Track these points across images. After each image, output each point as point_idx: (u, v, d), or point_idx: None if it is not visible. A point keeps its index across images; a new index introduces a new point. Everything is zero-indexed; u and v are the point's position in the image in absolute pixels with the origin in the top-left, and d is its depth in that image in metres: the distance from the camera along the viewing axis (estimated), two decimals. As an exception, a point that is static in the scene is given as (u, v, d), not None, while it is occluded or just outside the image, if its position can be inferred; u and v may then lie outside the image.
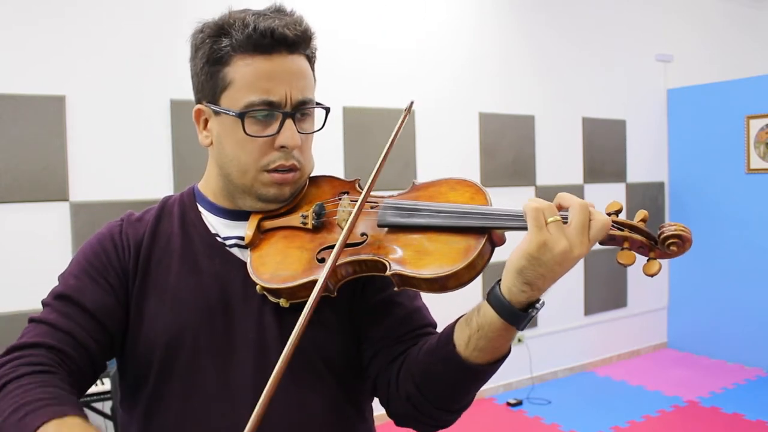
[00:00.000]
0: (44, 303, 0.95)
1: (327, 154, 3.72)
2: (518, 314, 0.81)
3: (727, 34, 5.83)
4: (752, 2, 6.02)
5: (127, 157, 3.16)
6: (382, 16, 3.96)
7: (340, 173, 3.80)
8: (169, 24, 3.21)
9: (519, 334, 5.33)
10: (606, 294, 5.05)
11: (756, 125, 4.81)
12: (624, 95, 5.14)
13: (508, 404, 4.22)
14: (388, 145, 0.95)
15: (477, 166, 4.33)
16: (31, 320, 0.92)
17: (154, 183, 3.21)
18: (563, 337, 4.80)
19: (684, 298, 5.36)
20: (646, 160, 5.28)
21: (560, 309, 4.75)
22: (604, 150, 5.01)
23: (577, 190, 4.81)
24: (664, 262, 0.84)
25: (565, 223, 0.79)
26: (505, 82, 4.49)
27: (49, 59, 2.97)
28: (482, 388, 0.99)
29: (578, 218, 0.78)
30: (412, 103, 1.01)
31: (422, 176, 4.03)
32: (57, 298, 0.93)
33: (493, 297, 0.83)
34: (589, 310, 4.97)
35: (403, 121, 0.97)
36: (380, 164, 0.93)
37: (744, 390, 4.41)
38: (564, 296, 4.77)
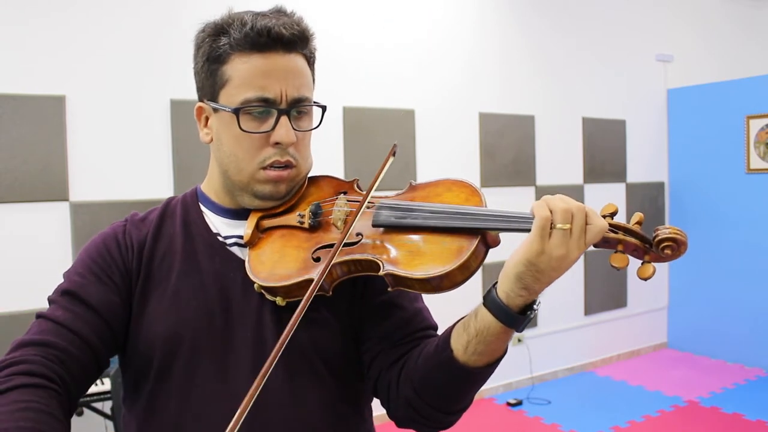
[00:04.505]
0: (50, 300, 0.95)
1: (327, 154, 3.72)
2: (517, 317, 0.82)
3: (727, 34, 5.83)
4: (752, 2, 6.02)
5: (127, 157, 3.16)
6: (382, 16, 3.96)
7: (340, 173, 3.80)
8: (169, 24, 3.21)
9: (519, 334, 5.34)
10: (606, 294, 5.05)
11: (756, 125, 4.81)
12: (624, 95, 5.14)
13: (508, 404, 4.22)
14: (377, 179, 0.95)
15: (477, 166, 4.33)
16: (39, 316, 0.93)
17: (154, 183, 3.21)
18: (563, 337, 4.80)
19: (684, 298, 5.36)
20: (646, 160, 5.29)
21: (560, 309, 4.75)
22: (604, 150, 5.01)
23: (577, 190, 4.81)
24: (661, 264, 0.84)
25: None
26: (505, 82, 4.49)
27: (49, 59, 2.97)
28: (482, 388, 0.99)
29: (577, 224, 0.79)
30: (395, 146, 1.00)
31: (422, 176, 4.03)
32: (63, 295, 0.94)
33: (490, 302, 0.83)
34: (589, 310, 4.97)
35: (385, 163, 0.97)
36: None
37: (744, 390, 4.41)
38: (564, 296, 4.76)
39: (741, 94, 4.91)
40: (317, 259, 0.93)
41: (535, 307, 0.83)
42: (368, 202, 0.96)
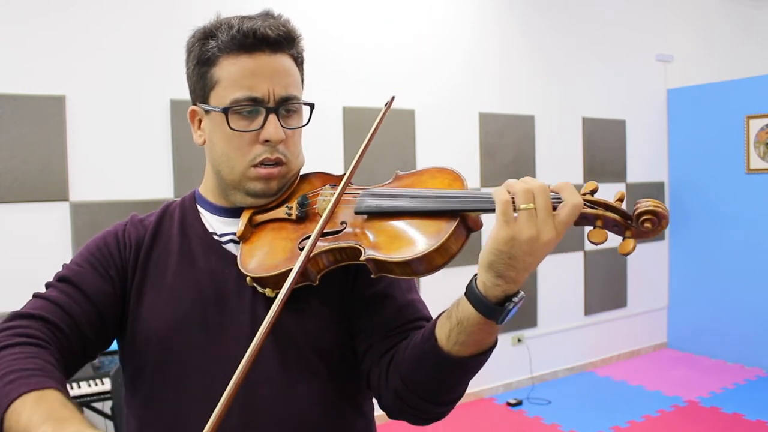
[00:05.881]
0: (47, 285, 1.00)
1: (327, 154, 3.72)
2: (494, 308, 0.80)
3: (727, 34, 5.83)
4: (752, 2, 6.02)
5: (127, 157, 3.16)
6: (382, 16, 3.96)
7: (339, 173, 3.80)
8: (169, 24, 3.21)
9: (519, 333, 5.28)
10: (606, 294, 5.05)
11: (756, 125, 4.81)
12: (624, 95, 5.14)
13: (508, 404, 4.22)
14: (367, 138, 1.00)
15: (477, 166, 4.34)
16: (35, 296, 0.98)
17: (154, 183, 3.20)
18: (563, 337, 4.80)
19: (684, 298, 5.36)
20: (646, 160, 5.28)
21: (560, 309, 4.75)
22: (604, 150, 5.01)
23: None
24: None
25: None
26: (505, 82, 4.49)
27: (49, 59, 2.97)
28: (482, 388, 0.99)
29: (540, 202, 0.77)
30: (392, 98, 1.06)
31: (422, 176, 4.03)
32: (59, 280, 0.99)
33: (469, 291, 0.82)
34: (589, 310, 4.97)
35: (383, 115, 1.02)
36: (359, 157, 0.97)
37: (744, 390, 4.41)
38: (564, 296, 4.77)
39: (741, 94, 4.91)
40: (303, 249, 0.94)
41: (515, 299, 0.80)
42: (353, 192, 0.97)
